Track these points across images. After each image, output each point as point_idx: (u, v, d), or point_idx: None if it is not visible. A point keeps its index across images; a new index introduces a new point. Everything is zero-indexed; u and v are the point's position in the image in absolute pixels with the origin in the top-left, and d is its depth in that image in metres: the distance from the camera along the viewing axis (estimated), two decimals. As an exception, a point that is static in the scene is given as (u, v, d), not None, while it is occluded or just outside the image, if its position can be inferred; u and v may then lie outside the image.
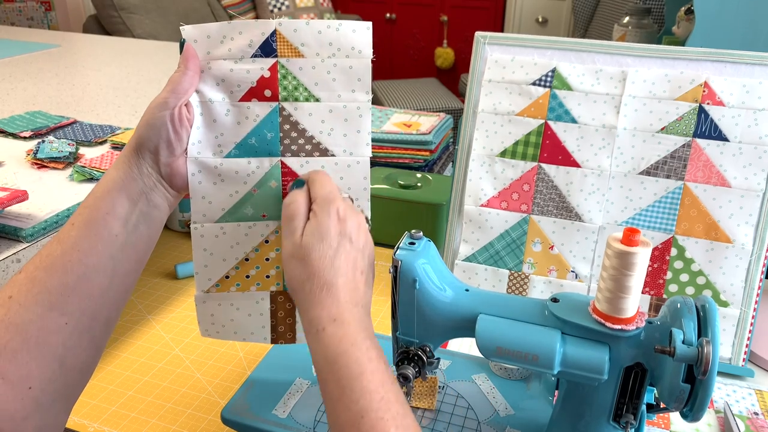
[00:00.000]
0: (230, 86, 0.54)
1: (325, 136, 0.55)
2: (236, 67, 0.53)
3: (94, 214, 0.49)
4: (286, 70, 0.54)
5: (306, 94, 0.54)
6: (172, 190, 0.53)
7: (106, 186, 0.50)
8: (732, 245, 0.72)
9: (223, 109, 0.54)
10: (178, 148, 0.52)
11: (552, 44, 0.78)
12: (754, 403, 0.68)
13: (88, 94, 1.38)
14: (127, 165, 0.51)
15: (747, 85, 0.72)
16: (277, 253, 0.57)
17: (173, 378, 0.73)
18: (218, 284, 0.57)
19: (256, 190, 0.56)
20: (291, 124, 0.55)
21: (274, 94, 0.54)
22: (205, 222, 0.56)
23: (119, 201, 0.49)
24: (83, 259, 0.47)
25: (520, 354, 0.51)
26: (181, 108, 0.52)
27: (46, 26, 3.59)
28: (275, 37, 0.53)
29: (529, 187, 0.78)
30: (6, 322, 0.44)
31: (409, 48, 4.13)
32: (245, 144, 0.55)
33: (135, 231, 0.50)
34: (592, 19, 3.22)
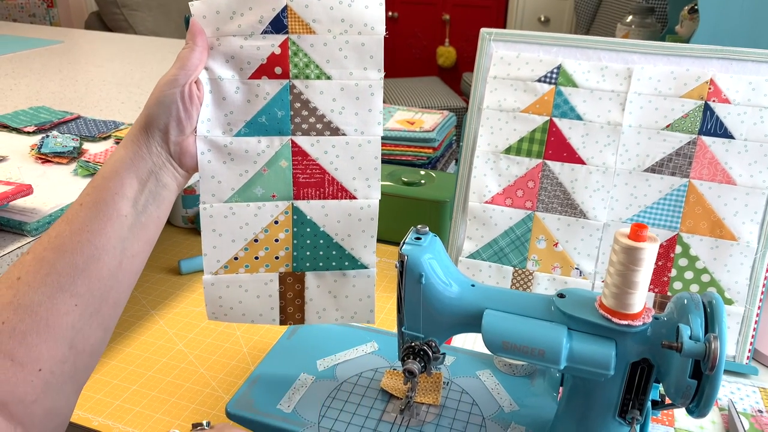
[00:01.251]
0: (240, 63, 0.53)
1: (336, 115, 0.54)
2: (246, 44, 0.52)
3: (103, 195, 0.48)
4: (297, 46, 0.53)
5: (317, 72, 0.53)
6: (182, 170, 0.53)
7: (115, 166, 0.49)
8: (737, 243, 0.72)
9: (232, 87, 0.53)
10: (188, 126, 0.52)
11: (557, 41, 0.78)
12: (759, 401, 0.68)
13: (92, 90, 1.38)
14: (136, 144, 0.50)
15: (753, 83, 0.72)
16: (286, 234, 0.56)
17: (177, 373, 0.73)
18: (227, 266, 0.56)
19: (266, 169, 0.55)
20: (302, 102, 0.54)
21: (284, 71, 0.53)
22: (215, 202, 0.55)
23: (128, 181, 0.49)
24: (93, 240, 0.46)
25: (527, 349, 0.51)
26: (191, 85, 0.51)
27: (48, 23, 3.59)
28: (286, 12, 0.52)
29: (533, 184, 0.78)
30: (15, 303, 0.44)
31: (410, 47, 4.13)
32: (255, 122, 0.54)
33: (144, 211, 0.50)
34: (595, 18, 3.22)
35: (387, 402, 0.65)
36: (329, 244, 0.57)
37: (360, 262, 0.58)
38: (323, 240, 0.57)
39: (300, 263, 0.57)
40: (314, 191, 0.55)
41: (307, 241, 0.57)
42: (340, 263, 0.58)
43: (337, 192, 0.56)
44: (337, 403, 0.64)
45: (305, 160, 0.55)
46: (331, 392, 0.65)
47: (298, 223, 0.56)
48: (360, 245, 0.57)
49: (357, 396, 0.65)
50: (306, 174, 0.55)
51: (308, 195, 0.55)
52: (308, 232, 0.56)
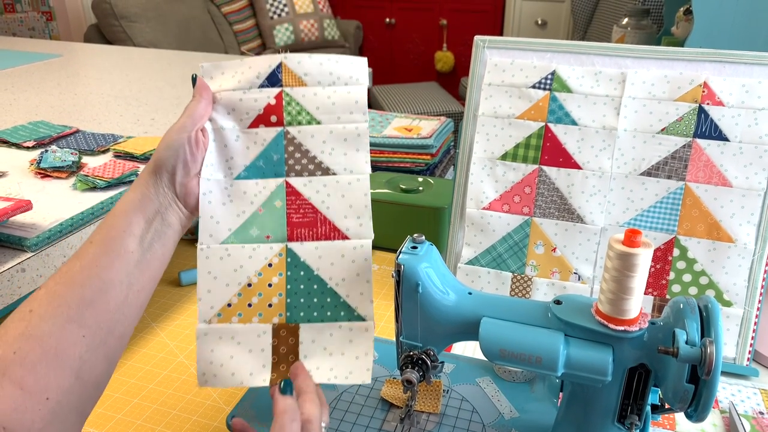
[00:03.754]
0: (240, 114, 0.58)
1: (326, 156, 0.58)
2: (245, 97, 0.58)
3: (111, 233, 0.51)
4: (290, 97, 0.58)
5: (308, 118, 0.58)
6: (186, 210, 0.56)
7: (124, 207, 0.53)
8: (734, 245, 0.72)
9: (233, 135, 0.58)
10: (194, 168, 0.56)
11: (551, 47, 0.79)
12: (759, 403, 0.68)
13: (90, 103, 1.39)
14: (144, 186, 0.54)
15: (746, 85, 0.72)
16: (280, 278, 0.57)
17: (178, 385, 0.73)
18: (220, 313, 0.57)
19: (261, 209, 0.58)
20: (295, 146, 0.58)
21: (279, 119, 0.58)
22: (212, 243, 0.57)
23: (135, 220, 0.52)
24: (101, 274, 0.50)
25: (524, 356, 0.51)
26: (198, 132, 0.56)
27: (47, 36, 3.61)
28: (281, 68, 0.58)
29: (530, 190, 0.79)
30: (26, 334, 0.46)
31: (408, 52, 4.14)
32: (254, 166, 0.58)
33: (150, 249, 0.53)
34: (591, 20, 3.23)
35: (387, 411, 0.65)
36: (323, 290, 0.57)
37: (356, 312, 0.56)
38: (317, 285, 0.57)
39: (294, 312, 0.57)
40: (307, 231, 0.58)
41: (301, 286, 0.57)
42: (336, 313, 0.56)
43: (329, 232, 0.58)
44: (338, 413, 0.64)
45: (298, 200, 0.58)
46: (332, 402, 0.65)
47: (291, 266, 0.57)
48: (356, 292, 0.57)
49: (357, 405, 0.65)
50: (299, 213, 0.58)
51: (302, 236, 0.58)
52: (302, 276, 0.57)
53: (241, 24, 3.71)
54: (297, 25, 3.77)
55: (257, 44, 3.76)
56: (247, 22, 3.74)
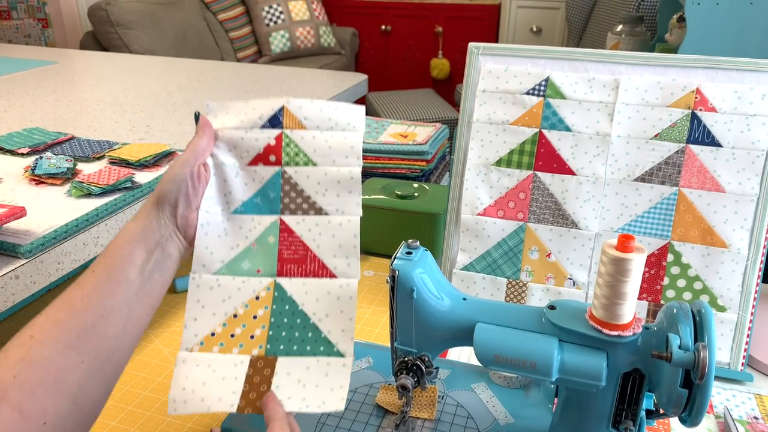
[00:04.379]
0: (240, 152, 0.60)
1: (320, 197, 0.60)
2: (246, 136, 0.60)
3: (114, 262, 0.53)
4: (289, 139, 0.60)
5: (305, 159, 0.60)
6: (185, 242, 0.58)
7: (126, 237, 0.55)
8: (728, 250, 0.73)
9: (233, 172, 0.60)
10: (195, 201, 0.58)
11: (545, 54, 0.79)
12: (754, 408, 0.68)
13: (86, 110, 1.39)
14: (146, 218, 0.56)
15: (738, 91, 0.72)
16: (265, 311, 0.58)
17: (155, 387, 0.73)
18: (203, 342, 0.57)
19: (255, 244, 0.60)
20: (291, 185, 0.60)
21: (277, 159, 0.60)
22: (204, 273, 0.59)
23: (137, 250, 0.54)
24: (102, 302, 0.51)
25: (518, 362, 0.51)
26: (200, 167, 0.58)
27: (43, 43, 3.61)
28: (282, 111, 0.61)
29: (525, 196, 0.79)
30: (27, 359, 0.47)
31: (404, 59, 4.16)
32: (251, 202, 0.60)
33: (150, 278, 0.54)
34: (586, 27, 3.25)
35: (382, 417, 0.65)
36: (306, 325, 0.57)
37: (336, 348, 0.57)
38: (300, 319, 0.57)
39: (274, 345, 0.57)
40: (297, 267, 0.59)
41: (285, 320, 0.58)
42: (315, 347, 0.57)
43: (317, 269, 0.59)
44: (333, 419, 0.64)
45: (290, 237, 0.60)
46: (327, 408, 0.65)
47: (278, 300, 0.58)
48: (337, 328, 0.57)
49: (352, 412, 0.65)
50: (290, 250, 0.59)
51: (291, 272, 0.59)
52: (287, 309, 0.58)
53: (237, 31, 3.72)
54: (293, 32, 3.78)
55: (253, 51, 3.77)
56: (243, 29, 3.75)
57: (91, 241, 0.83)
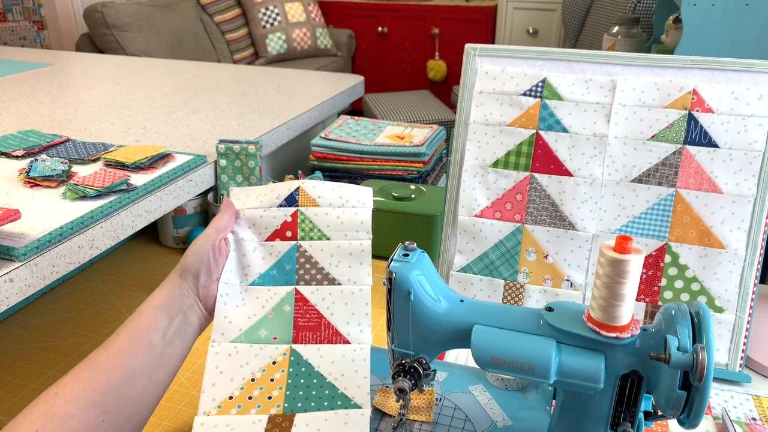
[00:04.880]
0: (259, 228, 0.65)
1: (333, 268, 0.64)
2: (265, 214, 0.65)
3: (138, 326, 0.56)
4: (304, 215, 0.65)
5: (319, 234, 0.64)
6: (205, 311, 0.61)
7: (152, 304, 0.58)
8: (725, 251, 0.72)
9: (252, 246, 0.64)
10: (215, 273, 0.62)
11: (541, 55, 0.79)
12: (752, 409, 0.68)
13: (81, 112, 1.38)
14: (171, 287, 0.59)
15: (735, 92, 0.72)
16: (282, 374, 0.60)
17: (169, 395, 0.73)
18: (221, 405, 0.59)
19: (271, 313, 0.62)
20: (306, 258, 0.64)
21: (293, 234, 0.65)
22: (222, 341, 0.61)
23: (160, 317, 0.57)
24: (126, 363, 0.53)
25: (516, 364, 0.51)
26: (221, 241, 0.62)
27: (38, 45, 3.60)
28: (298, 192, 0.65)
29: (522, 197, 0.79)
30: (50, 414, 0.48)
31: (401, 61, 4.16)
32: (267, 274, 0.64)
33: (171, 344, 0.57)
34: (582, 29, 3.25)
35: (380, 420, 0.64)
36: (322, 384, 0.59)
37: (353, 401, 0.58)
38: (317, 380, 0.60)
39: (292, 403, 0.59)
40: (312, 335, 0.62)
41: (301, 381, 0.60)
42: (333, 402, 0.58)
43: (332, 336, 0.62)
44: (330, 422, 0.63)
45: (305, 306, 0.63)
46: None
47: (294, 363, 0.61)
48: (353, 385, 0.59)
49: (349, 415, 0.64)
50: (305, 318, 0.62)
51: (306, 339, 0.62)
52: (303, 371, 0.60)
53: (234, 33, 3.71)
54: (289, 34, 3.78)
55: (250, 53, 3.77)
56: (240, 31, 3.74)
57: (86, 243, 0.82)
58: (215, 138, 1.21)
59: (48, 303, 0.94)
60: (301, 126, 1.40)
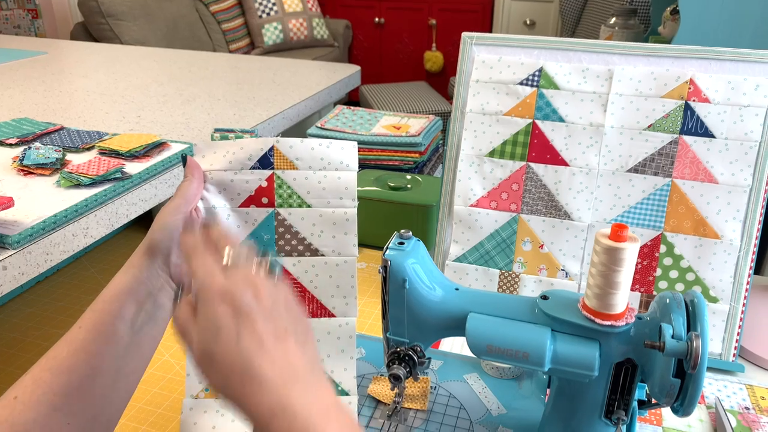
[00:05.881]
0: (231, 194, 0.59)
1: (315, 238, 0.59)
2: (236, 178, 0.59)
3: (102, 317, 0.51)
4: (281, 180, 0.59)
5: (299, 201, 0.59)
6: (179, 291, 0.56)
7: (115, 290, 0.52)
8: (720, 241, 0.72)
9: (224, 214, 0.59)
10: None
11: (538, 44, 0.79)
12: (745, 398, 0.68)
13: (76, 101, 1.37)
14: (137, 269, 0.53)
15: (732, 82, 0.72)
16: None
17: (164, 384, 0.72)
18: (207, 388, 0.57)
19: None
20: (285, 227, 0.59)
21: (270, 201, 0.59)
22: None
23: (126, 305, 0.51)
24: (89, 360, 0.49)
25: (511, 352, 0.51)
26: (191, 212, 0.56)
27: (33, 34, 3.58)
28: (272, 152, 0.59)
29: (518, 187, 0.78)
30: (10, 422, 0.45)
31: (398, 52, 4.14)
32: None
33: (140, 332, 0.52)
34: (580, 20, 3.24)
35: (374, 408, 0.64)
36: None
37: (340, 387, 0.58)
38: None
39: None
40: None
41: None
42: None
43: (316, 310, 0.59)
44: (324, 410, 0.64)
45: (287, 279, 0.59)
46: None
47: None
48: (339, 368, 0.58)
49: (344, 403, 0.65)
50: None
51: None
52: None
53: (230, 23, 3.69)
54: (286, 24, 3.76)
55: (246, 43, 3.75)
56: (236, 20, 3.72)
57: (80, 231, 0.82)
58: (210, 127, 1.21)
59: (43, 291, 0.94)
60: (297, 115, 1.39)
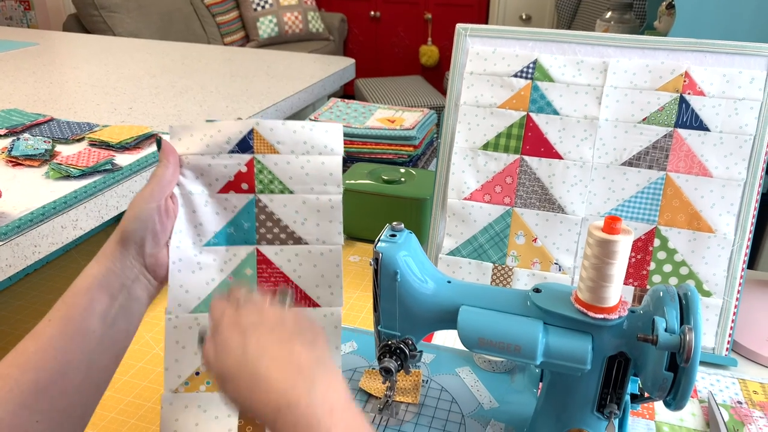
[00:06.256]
0: (209, 179, 0.56)
1: (298, 226, 0.57)
2: (214, 162, 0.56)
3: (71, 311, 0.48)
4: (262, 165, 0.56)
5: (281, 187, 0.57)
6: (155, 281, 0.54)
7: (86, 282, 0.50)
8: (714, 235, 0.72)
9: (202, 200, 0.56)
10: (163, 238, 0.53)
11: (533, 36, 0.78)
12: (738, 392, 0.68)
13: (66, 92, 1.36)
14: (109, 260, 0.51)
15: (727, 75, 0.72)
16: None
17: (153, 377, 0.72)
18: (187, 382, 0.56)
19: (232, 277, 0.57)
20: (266, 214, 0.57)
21: (250, 187, 0.56)
22: (180, 312, 0.56)
23: (98, 297, 0.49)
24: (58, 356, 0.47)
25: (503, 345, 0.51)
26: (167, 200, 0.53)
27: (25, 25, 3.55)
28: (252, 135, 0.56)
29: (511, 180, 0.78)
30: None
31: (393, 46, 4.13)
32: (223, 233, 0.57)
33: (113, 325, 0.50)
34: (576, 14, 3.24)
35: (366, 402, 0.64)
36: None
37: None
38: None
39: None
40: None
41: None
42: None
43: (300, 299, 0.57)
44: (315, 404, 0.63)
45: (269, 269, 0.57)
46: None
47: None
48: None
49: (335, 396, 0.64)
50: (270, 282, 0.57)
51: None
52: None
53: (224, 16, 3.66)
54: (281, 17, 3.73)
55: (240, 36, 3.72)
56: (231, 13, 3.70)
57: (69, 224, 0.81)
58: (202, 119, 1.20)
59: (32, 284, 0.93)
60: (291, 108, 1.38)
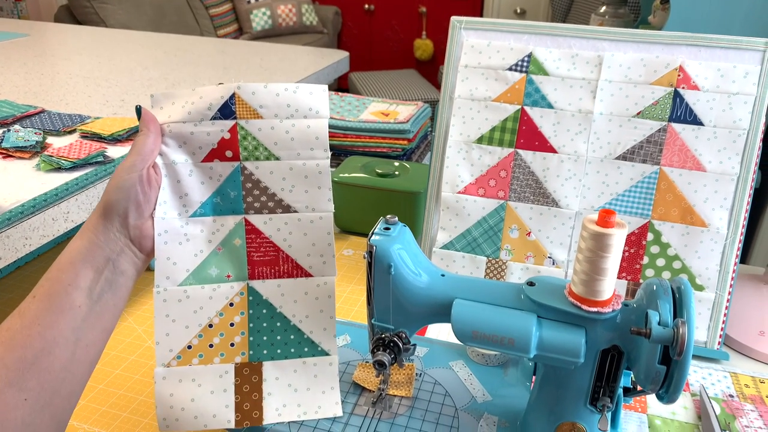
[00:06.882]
0: (192, 148, 0.54)
1: (286, 193, 0.56)
2: (196, 130, 0.54)
3: (56, 287, 0.48)
4: (245, 131, 0.55)
5: (266, 154, 0.55)
6: (141, 254, 0.53)
7: (70, 257, 0.49)
8: (707, 229, 0.72)
9: (186, 170, 0.55)
10: (147, 209, 0.53)
11: (528, 29, 0.78)
12: (730, 386, 0.68)
13: (57, 84, 1.34)
14: (93, 233, 0.50)
15: (721, 69, 0.72)
16: (242, 317, 0.56)
17: (146, 370, 0.71)
18: (180, 356, 0.55)
19: (220, 248, 0.56)
20: (253, 182, 0.56)
21: (235, 154, 0.55)
22: (169, 285, 0.55)
23: (83, 272, 0.49)
24: (44, 333, 0.46)
25: (496, 338, 0.51)
26: (149, 170, 0.52)
27: (16, 17, 3.51)
28: (234, 100, 0.54)
29: (506, 174, 0.78)
30: None
31: (388, 39, 4.12)
32: (210, 203, 0.56)
33: (100, 300, 0.49)
34: (570, 9, 3.23)
35: (359, 395, 0.64)
36: (287, 327, 0.55)
37: (320, 347, 0.56)
38: (280, 323, 0.55)
39: (257, 350, 0.55)
40: (269, 270, 0.56)
41: (264, 324, 0.55)
42: (299, 349, 0.55)
43: (292, 269, 0.56)
44: (309, 397, 0.63)
45: (259, 238, 0.56)
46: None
47: (253, 304, 0.56)
48: (319, 328, 0.56)
49: (328, 390, 0.64)
50: (260, 252, 0.56)
51: (263, 274, 0.56)
52: (264, 314, 0.55)
53: (218, 8, 3.64)
54: (274, 9, 3.71)
55: (234, 29, 3.70)
56: (224, 5, 3.67)
57: (60, 216, 0.80)
58: (196, 111, 1.19)
59: (23, 276, 0.92)
60: (285, 101, 1.37)
